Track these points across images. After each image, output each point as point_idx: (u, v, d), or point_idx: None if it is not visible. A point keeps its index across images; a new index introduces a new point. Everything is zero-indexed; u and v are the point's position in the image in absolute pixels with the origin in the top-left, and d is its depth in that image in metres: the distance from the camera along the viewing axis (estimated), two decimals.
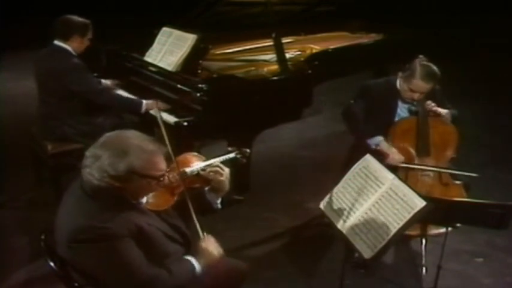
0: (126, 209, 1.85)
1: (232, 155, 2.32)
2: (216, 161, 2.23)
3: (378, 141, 3.17)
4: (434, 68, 3.08)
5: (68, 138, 3.50)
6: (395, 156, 3.10)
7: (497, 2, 9.47)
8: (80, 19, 3.54)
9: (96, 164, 1.77)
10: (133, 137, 1.85)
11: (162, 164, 1.88)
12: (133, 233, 1.81)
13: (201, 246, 2.03)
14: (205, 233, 2.08)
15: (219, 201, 2.23)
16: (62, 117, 3.49)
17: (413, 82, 3.06)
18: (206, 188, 2.20)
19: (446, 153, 3.15)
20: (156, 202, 2.02)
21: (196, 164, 2.22)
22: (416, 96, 3.11)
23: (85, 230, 1.74)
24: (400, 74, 3.19)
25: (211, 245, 2.04)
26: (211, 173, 2.17)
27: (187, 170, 2.17)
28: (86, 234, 1.73)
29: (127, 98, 3.71)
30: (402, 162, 3.09)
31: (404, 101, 3.22)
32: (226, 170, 2.20)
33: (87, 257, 1.76)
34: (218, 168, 2.17)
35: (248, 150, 2.36)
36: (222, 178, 2.17)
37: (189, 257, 2.00)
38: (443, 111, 3.16)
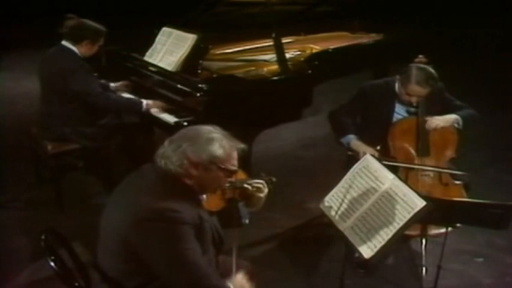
0: (193, 201, 1.91)
1: (261, 181, 2.38)
2: (251, 181, 2.32)
3: (349, 139, 3.17)
4: (430, 71, 3.05)
5: (67, 139, 3.51)
6: (367, 151, 3.02)
7: (497, 2, 9.48)
8: (95, 25, 3.55)
9: (179, 150, 1.86)
10: (215, 131, 1.94)
11: (236, 161, 1.96)
12: (195, 223, 1.85)
13: (237, 281, 2.05)
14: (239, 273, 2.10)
15: (248, 216, 2.32)
16: (63, 118, 3.49)
17: (409, 87, 3.05)
18: (241, 203, 2.30)
19: (446, 153, 3.15)
20: (210, 202, 2.12)
21: (240, 177, 2.31)
22: (414, 99, 3.10)
23: (157, 209, 1.77)
24: (398, 76, 3.19)
25: (245, 284, 2.07)
26: (254, 188, 2.27)
27: (238, 180, 2.26)
28: (157, 213, 1.77)
29: (127, 100, 3.71)
30: (388, 161, 3.04)
31: (402, 103, 3.22)
32: (266, 190, 2.31)
33: (151, 237, 1.77)
34: (261, 186, 2.28)
35: (274, 179, 2.45)
36: (262, 195, 2.28)
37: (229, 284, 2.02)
38: (448, 120, 3.13)
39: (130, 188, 1.94)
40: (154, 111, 3.55)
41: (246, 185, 2.26)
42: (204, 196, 2.07)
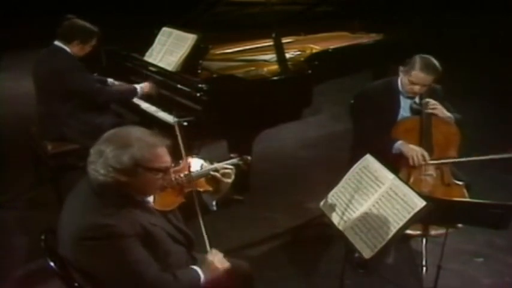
0: (133, 208, 1.84)
1: (234, 161, 2.31)
2: (220, 165, 2.22)
3: (400, 146, 3.05)
4: (434, 60, 3.07)
5: (66, 139, 3.50)
6: (420, 154, 3.00)
7: (497, 2, 9.48)
8: (87, 26, 3.53)
9: (101, 160, 1.77)
10: (135, 130, 1.86)
11: (166, 157, 1.87)
12: (138, 233, 1.80)
13: (207, 259, 2.02)
14: (212, 248, 2.08)
15: (214, 203, 2.24)
16: (61, 118, 3.49)
17: (413, 74, 3.05)
18: (201, 189, 2.19)
19: (449, 153, 3.13)
20: (163, 202, 2.02)
21: (202, 167, 2.22)
22: (417, 89, 3.09)
23: (91, 227, 1.73)
24: (401, 68, 3.18)
25: (217, 259, 2.03)
26: (220, 175, 2.18)
27: (197, 171, 2.17)
28: (92, 232, 1.72)
29: (122, 90, 3.73)
30: (432, 159, 3.00)
31: (406, 97, 3.21)
32: (233, 174, 2.22)
33: (92, 255, 1.75)
34: (230, 171, 2.20)
35: (249, 158, 2.36)
36: (229, 180, 2.20)
37: (195, 267, 2.00)
38: (445, 113, 3.14)
39: (70, 204, 1.89)
40: (153, 110, 3.55)
41: (212, 173, 2.16)
42: (151, 198, 1.97)
